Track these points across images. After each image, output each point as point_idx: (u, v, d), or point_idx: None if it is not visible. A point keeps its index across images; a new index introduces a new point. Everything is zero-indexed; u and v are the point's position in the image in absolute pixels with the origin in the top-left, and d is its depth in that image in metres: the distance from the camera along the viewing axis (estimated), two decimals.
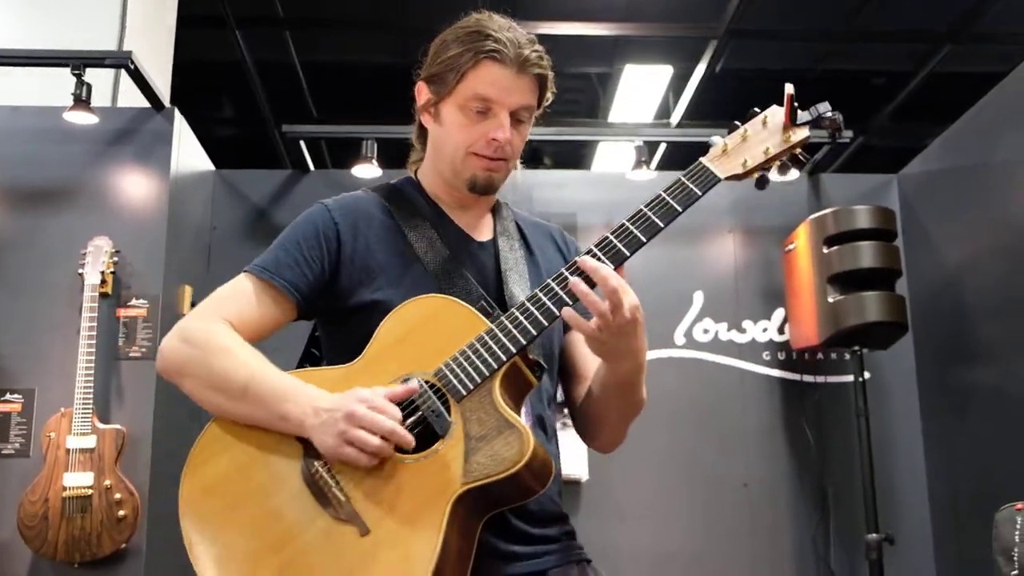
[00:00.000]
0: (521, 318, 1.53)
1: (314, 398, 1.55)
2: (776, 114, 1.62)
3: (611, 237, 1.53)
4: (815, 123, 1.61)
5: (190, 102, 4.82)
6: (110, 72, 4.66)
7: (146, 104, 4.37)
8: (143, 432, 3.98)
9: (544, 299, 1.53)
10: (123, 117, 4.39)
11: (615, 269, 1.50)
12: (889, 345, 4.57)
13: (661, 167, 5.82)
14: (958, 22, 5.65)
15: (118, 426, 3.86)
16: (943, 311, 4.66)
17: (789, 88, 1.60)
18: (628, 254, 1.52)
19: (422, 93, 1.78)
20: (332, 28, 6.10)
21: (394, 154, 5.45)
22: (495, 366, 1.52)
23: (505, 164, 1.74)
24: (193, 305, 4.46)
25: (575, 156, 7.56)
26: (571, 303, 1.51)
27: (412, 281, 1.69)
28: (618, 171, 5.45)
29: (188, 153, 4.59)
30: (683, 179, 1.58)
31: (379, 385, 1.54)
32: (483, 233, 1.82)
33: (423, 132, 1.83)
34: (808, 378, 4.94)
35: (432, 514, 1.46)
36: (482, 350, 1.53)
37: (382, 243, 1.74)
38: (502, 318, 1.55)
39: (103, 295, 3.95)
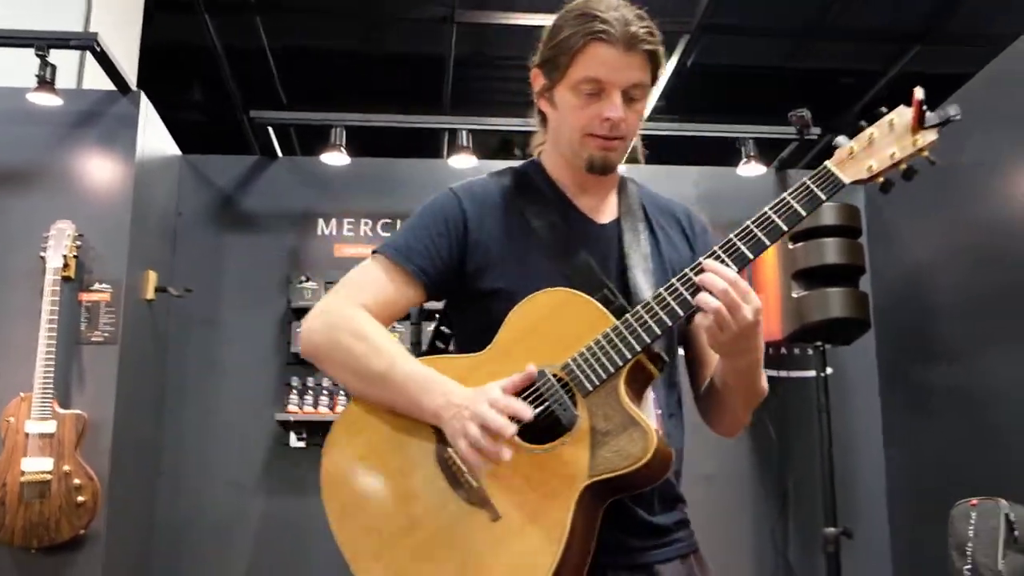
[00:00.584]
0: (646, 317, 1.56)
1: (449, 391, 1.60)
2: (903, 116, 1.58)
3: (735, 239, 1.56)
4: (943, 125, 1.58)
5: (157, 86, 4.77)
6: (75, 54, 4.61)
7: (112, 87, 4.32)
8: (104, 417, 3.95)
9: (669, 299, 1.56)
10: (88, 99, 4.35)
11: (738, 271, 1.53)
12: (852, 341, 4.61)
13: (630, 160, 5.82)
14: (927, 23, 5.70)
15: (79, 411, 3.83)
16: (905, 308, 4.71)
17: (919, 92, 1.55)
18: (752, 257, 1.55)
19: (537, 79, 1.79)
20: (303, 14, 6.06)
21: (363, 142, 5.46)
22: (620, 363, 1.55)
23: (622, 143, 1.75)
24: (158, 290, 4.47)
25: None
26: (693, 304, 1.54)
27: (535, 266, 1.72)
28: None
29: (154, 137, 4.56)
30: (808, 182, 1.56)
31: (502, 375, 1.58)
32: (606, 214, 1.83)
33: (543, 117, 1.84)
34: (771, 373, 4.97)
35: (559, 505, 1.52)
36: (608, 347, 1.56)
37: (506, 228, 1.77)
38: (628, 316, 1.57)
39: (65, 279, 3.91)
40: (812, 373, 4.65)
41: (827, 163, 1.57)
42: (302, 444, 4.70)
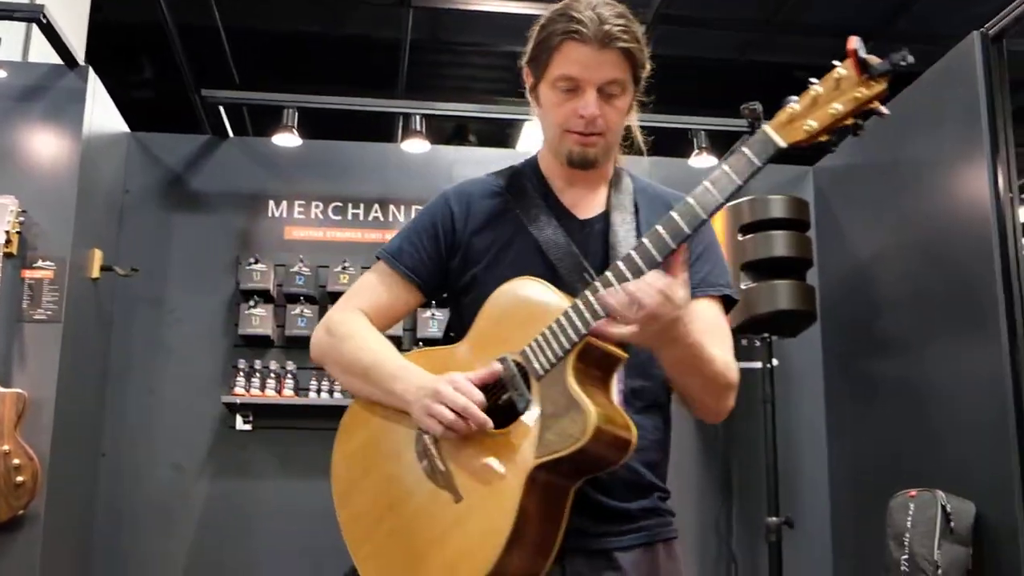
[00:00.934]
0: (591, 299, 1.57)
1: (416, 379, 1.71)
2: (850, 68, 1.46)
3: (673, 214, 1.54)
4: (892, 71, 1.43)
5: (107, 62, 4.70)
6: (21, 26, 4.51)
7: (59, 61, 4.24)
8: (45, 397, 3.89)
9: (612, 279, 1.56)
10: (34, 73, 4.27)
11: (680, 244, 1.52)
12: (798, 333, 4.67)
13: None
14: (881, 20, 5.77)
15: (19, 390, 3.77)
16: (850, 302, 4.78)
17: (853, 41, 1.44)
18: (688, 231, 1.52)
19: (527, 78, 1.87)
20: None
21: (315, 124, 5.42)
22: (568, 346, 1.58)
23: (601, 139, 1.78)
24: (104, 269, 4.40)
25: (500, 135, 7.54)
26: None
27: (521, 260, 1.78)
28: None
29: (102, 113, 4.48)
30: (745, 149, 1.52)
31: (478, 364, 1.68)
32: (593, 208, 1.86)
33: None
34: None
35: (511, 488, 1.57)
36: (559, 331, 1.59)
37: (492, 223, 1.86)
38: (577, 299, 1.59)
39: (8, 255, 3.84)
40: (759, 364, 4.69)
41: (765, 125, 1.52)
42: (248, 427, 4.65)
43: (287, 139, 4.95)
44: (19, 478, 3.66)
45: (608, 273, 1.56)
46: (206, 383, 4.76)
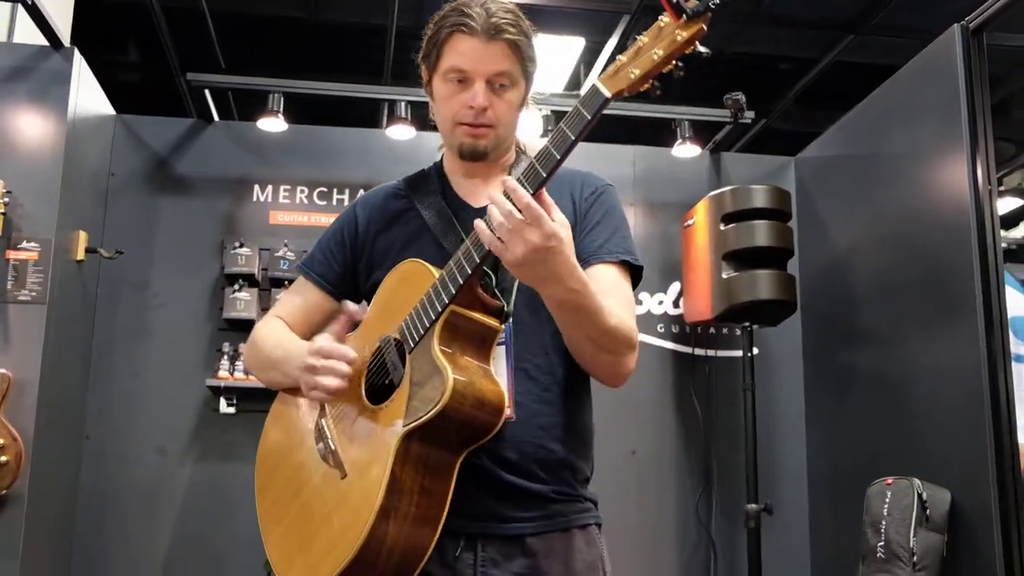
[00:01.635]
0: (453, 268, 1.63)
1: (297, 359, 1.79)
2: (667, 15, 1.45)
3: (519, 175, 1.54)
4: (706, 10, 1.41)
5: (93, 43, 4.67)
6: (6, 6, 4.50)
7: (44, 42, 4.23)
8: (29, 378, 3.88)
9: (469, 246, 1.61)
10: (18, 54, 4.25)
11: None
12: (778, 323, 4.71)
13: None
14: (863, 13, 5.79)
15: (3, 370, 3.78)
16: (830, 292, 4.82)
17: None
18: (531, 190, 1.51)
19: (423, 74, 1.90)
20: None
21: (301, 109, 5.41)
22: (433, 316, 1.64)
23: (491, 130, 1.82)
24: (88, 251, 4.40)
25: None
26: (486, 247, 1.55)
27: (419, 249, 1.83)
28: (525, 139, 5.47)
29: (87, 95, 4.47)
30: (578, 104, 1.51)
31: (367, 349, 1.78)
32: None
33: None
34: (700, 351, 5.07)
35: (383, 458, 1.60)
36: (427, 303, 1.66)
37: (393, 221, 1.93)
38: (442, 271, 1.66)
39: None
40: (739, 353, 4.74)
41: (594, 79, 1.51)
42: (232, 410, 4.66)
43: (273, 124, 4.95)
44: (2, 458, 3.66)
45: (474, 230, 1.57)
46: (190, 366, 4.77)
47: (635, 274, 1.88)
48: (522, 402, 1.71)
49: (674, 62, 1.46)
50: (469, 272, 1.60)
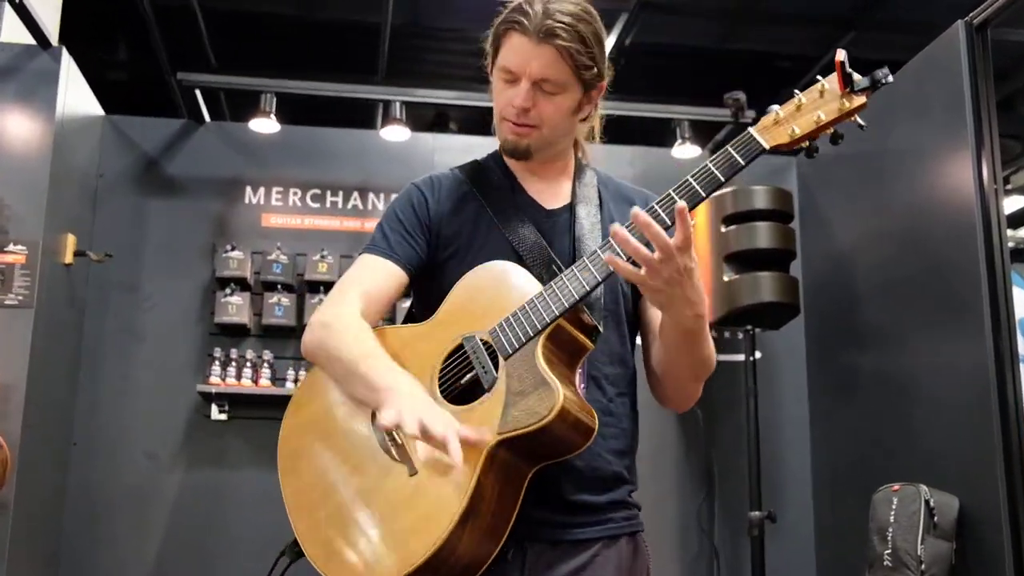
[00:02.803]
0: (566, 282, 1.63)
1: (406, 385, 1.65)
2: (833, 81, 1.60)
3: (655, 205, 1.60)
4: (873, 88, 1.57)
5: (81, 43, 4.61)
6: None
7: (32, 41, 4.16)
8: (16, 382, 3.83)
9: (589, 264, 1.62)
10: (6, 54, 4.19)
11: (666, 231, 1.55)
12: (781, 326, 4.64)
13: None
14: (863, 9, 5.75)
15: None
16: (833, 294, 4.76)
17: (840, 54, 1.56)
18: (669, 223, 1.56)
19: (488, 64, 1.89)
20: None
21: (294, 110, 5.34)
22: (539, 327, 1.62)
23: (534, 131, 1.81)
24: (77, 254, 4.33)
25: (482, 122, 7.48)
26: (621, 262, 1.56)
27: (488, 243, 1.82)
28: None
29: (76, 95, 4.40)
30: (730, 148, 1.59)
31: (441, 342, 1.72)
32: (557, 199, 1.90)
33: None
34: None
35: (470, 461, 1.55)
36: (531, 312, 1.64)
37: (462, 211, 1.89)
38: (552, 283, 1.64)
39: None
40: (741, 357, 4.67)
41: (750, 128, 1.60)
42: (223, 416, 4.59)
43: (265, 124, 4.89)
44: None
45: (585, 258, 1.62)
46: (181, 371, 4.70)
47: None
48: None
49: (833, 128, 1.57)
50: (587, 289, 1.61)
